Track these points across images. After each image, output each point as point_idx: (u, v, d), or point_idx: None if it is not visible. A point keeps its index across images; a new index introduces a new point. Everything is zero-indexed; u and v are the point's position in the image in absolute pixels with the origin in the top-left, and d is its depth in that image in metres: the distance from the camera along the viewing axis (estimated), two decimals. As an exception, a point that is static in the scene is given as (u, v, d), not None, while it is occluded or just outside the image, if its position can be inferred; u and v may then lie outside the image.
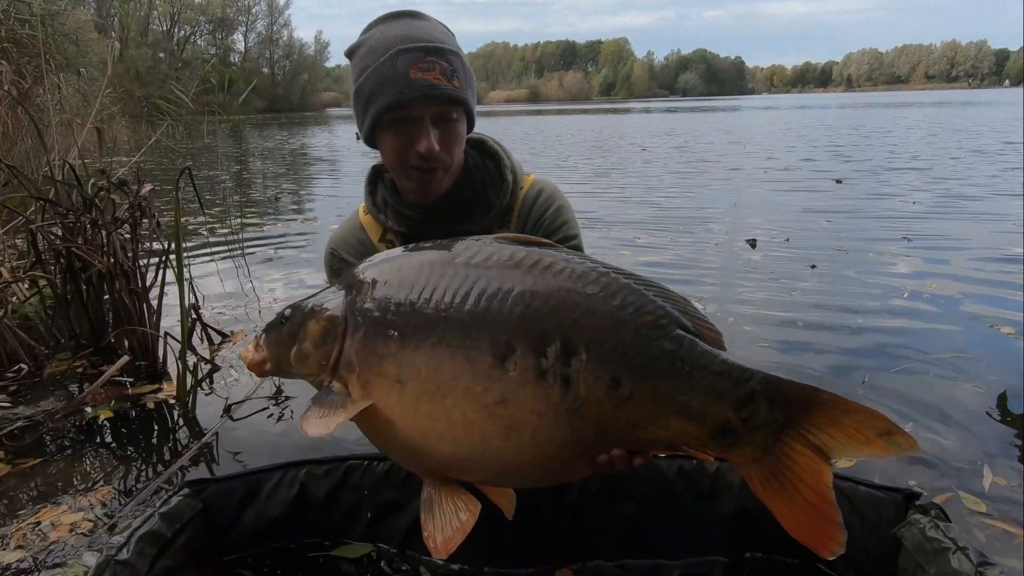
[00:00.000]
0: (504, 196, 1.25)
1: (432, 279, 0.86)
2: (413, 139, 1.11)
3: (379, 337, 0.86)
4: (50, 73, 4.34)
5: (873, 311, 3.03)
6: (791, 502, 0.76)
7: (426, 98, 1.09)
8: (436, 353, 0.82)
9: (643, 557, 1.29)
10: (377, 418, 0.86)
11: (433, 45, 1.10)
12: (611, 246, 4.52)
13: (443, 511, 0.86)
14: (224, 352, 2.81)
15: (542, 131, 19.56)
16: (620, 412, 0.81)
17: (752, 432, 0.79)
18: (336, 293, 0.93)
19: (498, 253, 0.87)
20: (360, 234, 1.30)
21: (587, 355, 0.80)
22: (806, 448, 0.76)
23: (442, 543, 0.84)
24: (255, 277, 4.04)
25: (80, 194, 2.57)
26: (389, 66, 1.09)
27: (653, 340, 0.80)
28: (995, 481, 1.67)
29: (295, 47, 75.76)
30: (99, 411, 2.24)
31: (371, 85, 1.12)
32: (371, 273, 0.92)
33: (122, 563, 1.06)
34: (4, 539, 1.54)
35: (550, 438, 0.82)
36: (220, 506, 1.28)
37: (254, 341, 0.98)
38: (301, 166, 12.11)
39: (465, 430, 0.82)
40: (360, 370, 0.87)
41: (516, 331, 0.81)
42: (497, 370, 0.80)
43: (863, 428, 0.75)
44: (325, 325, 0.90)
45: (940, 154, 10.00)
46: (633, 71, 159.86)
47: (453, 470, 0.88)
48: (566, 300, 0.82)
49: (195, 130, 6.57)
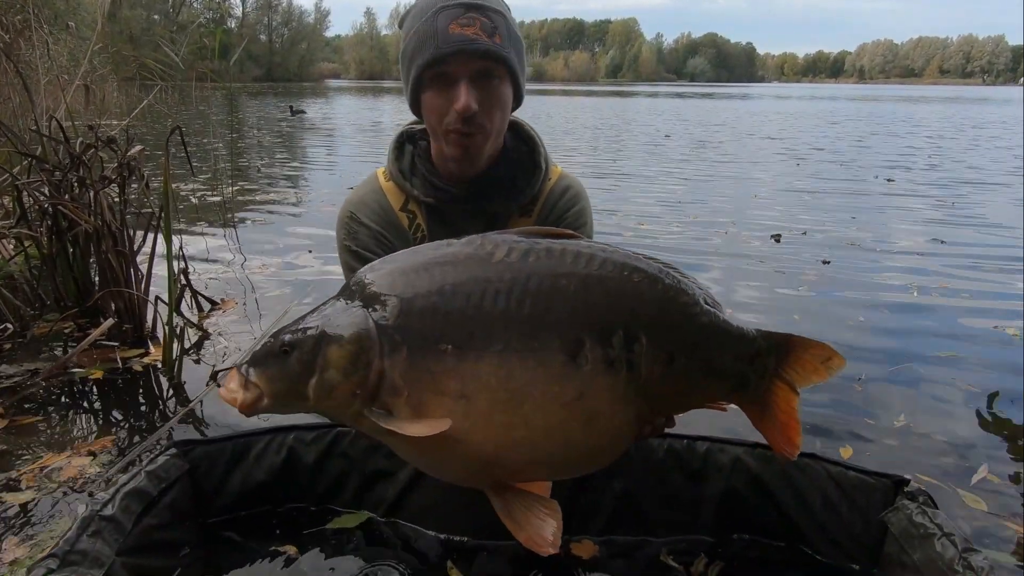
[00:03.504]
0: (535, 184, 1.22)
1: (475, 281, 0.81)
2: (451, 98, 1.07)
3: (429, 354, 0.79)
4: (38, 28, 4.21)
5: (878, 308, 3.02)
6: (772, 423, 0.97)
7: (463, 53, 1.05)
8: (504, 360, 0.79)
9: (631, 535, 1.30)
10: (438, 440, 0.78)
11: (475, 2, 1.07)
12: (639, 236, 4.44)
13: (529, 514, 0.85)
14: (213, 319, 2.78)
15: (551, 114, 19.08)
16: (672, 384, 0.89)
17: (759, 379, 0.95)
18: (351, 310, 0.81)
19: (533, 248, 0.84)
20: (381, 198, 1.24)
21: (647, 339, 0.85)
22: (783, 383, 0.95)
23: (552, 541, 0.83)
24: (245, 246, 3.99)
25: (67, 151, 2.51)
26: (430, 23, 1.07)
27: (695, 316, 0.90)
28: (988, 478, 1.68)
29: (294, 14, 74.38)
30: (89, 371, 2.21)
31: (413, 45, 1.09)
32: (393, 282, 0.82)
33: (107, 518, 1.05)
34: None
35: (621, 422, 0.86)
36: (207, 468, 1.26)
37: (238, 378, 0.82)
38: (296, 135, 11.93)
39: (546, 432, 0.82)
40: (409, 393, 0.79)
41: (582, 326, 0.82)
42: (570, 367, 0.81)
43: (814, 359, 0.94)
44: (353, 349, 0.79)
45: (984, 155, 9.74)
46: (641, 53, 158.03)
47: (523, 474, 0.87)
48: (621, 289, 0.85)
49: (188, 96, 6.44)
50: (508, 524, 0.84)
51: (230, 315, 2.85)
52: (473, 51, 1.05)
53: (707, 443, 1.31)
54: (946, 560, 1.03)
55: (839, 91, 67.70)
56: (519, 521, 0.84)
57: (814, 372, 0.94)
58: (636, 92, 49.15)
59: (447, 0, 1.07)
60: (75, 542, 1.00)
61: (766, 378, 0.95)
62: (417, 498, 1.30)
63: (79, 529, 1.02)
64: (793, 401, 0.95)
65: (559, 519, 0.85)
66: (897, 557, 1.12)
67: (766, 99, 35.28)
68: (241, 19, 69.09)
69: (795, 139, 11.76)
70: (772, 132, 13.14)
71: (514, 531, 0.84)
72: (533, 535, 0.83)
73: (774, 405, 0.95)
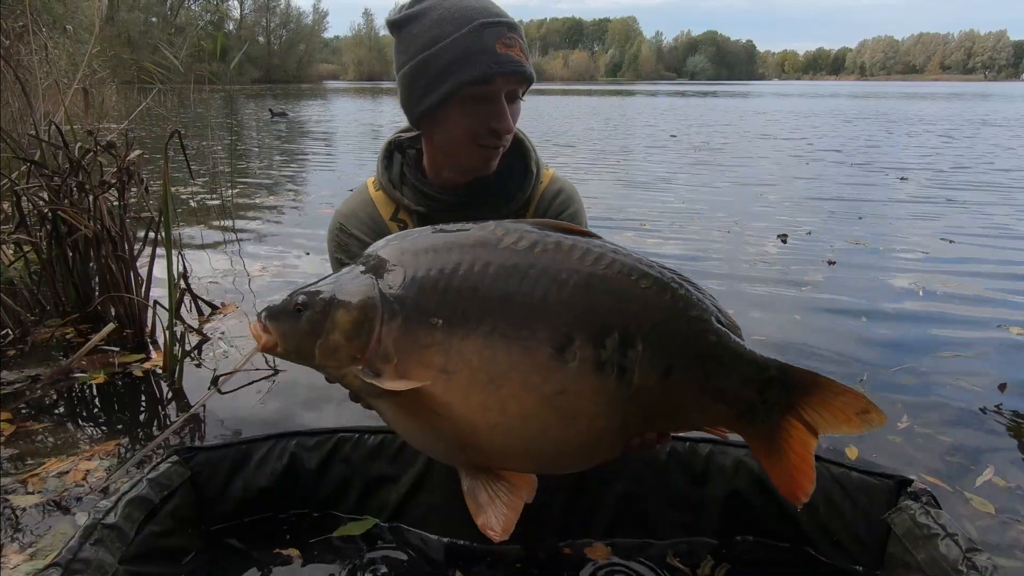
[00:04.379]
0: (526, 188, 1.23)
1: (477, 263, 0.82)
2: (491, 116, 1.09)
3: (421, 325, 0.81)
4: (37, 31, 4.20)
5: (883, 307, 3.01)
6: (781, 463, 0.90)
7: (511, 74, 1.07)
8: (489, 343, 0.80)
9: (633, 536, 1.30)
10: (417, 409, 0.82)
11: (512, 21, 1.09)
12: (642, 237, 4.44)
13: (493, 497, 0.85)
14: (213, 324, 2.78)
15: (551, 115, 19.03)
16: (667, 398, 0.86)
17: (768, 412, 0.88)
18: (361, 277, 0.86)
19: (543, 239, 0.84)
20: (371, 209, 1.25)
21: (644, 346, 0.83)
22: (800, 424, 0.88)
23: (503, 527, 0.83)
24: (245, 250, 3.99)
25: (66, 156, 2.51)
26: (473, 37, 1.06)
27: (702, 332, 0.86)
28: (993, 480, 1.67)
29: (292, 16, 74.31)
30: (91, 376, 2.21)
31: (451, 56, 1.06)
32: (402, 255, 0.85)
33: (109, 527, 1.05)
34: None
35: (604, 426, 0.84)
36: (208, 474, 1.26)
37: (258, 323, 0.89)
38: (296, 138, 11.93)
39: (522, 421, 0.81)
40: (398, 360, 0.82)
41: (576, 322, 0.81)
42: (556, 361, 0.80)
43: (846, 408, 0.86)
44: (358, 315, 0.83)
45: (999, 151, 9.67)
46: (641, 52, 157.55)
47: (499, 460, 0.86)
48: (624, 292, 0.83)
49: (187, 99, 6.44)
50: (469, 504, 0.86)
51: (230, 319, 2.84)
52: (520, 74, 1.08)
53: (709, 445, 1.31)
54: (950, 560, 1.03)
55: (840, 88, 66.74)
56: (481, 504, 0.85)
57: (845, 422, 0.86)
58: (636, 91, 48.93)
59: (486, 16, 1.07)
60: (78, 551, 1.00)
61: (776, 413, 0.88)
62: (420, 502, 1.30)
63: (81, 538, 1.02)
64: (810, 444, 0.88)
65: (518, 510, 0.85)
66: (901, 558, 1.12)
67: (770, 97, 34.93)
68: (239, 21, 69.09)
69: (806, 139, 11.63)
70: (782, 132, 12.94)
71: (473, 512, 0.85)
72: (488, 520, 0.84)
73: (785, 445, 0.89)
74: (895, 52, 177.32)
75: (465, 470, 0.88)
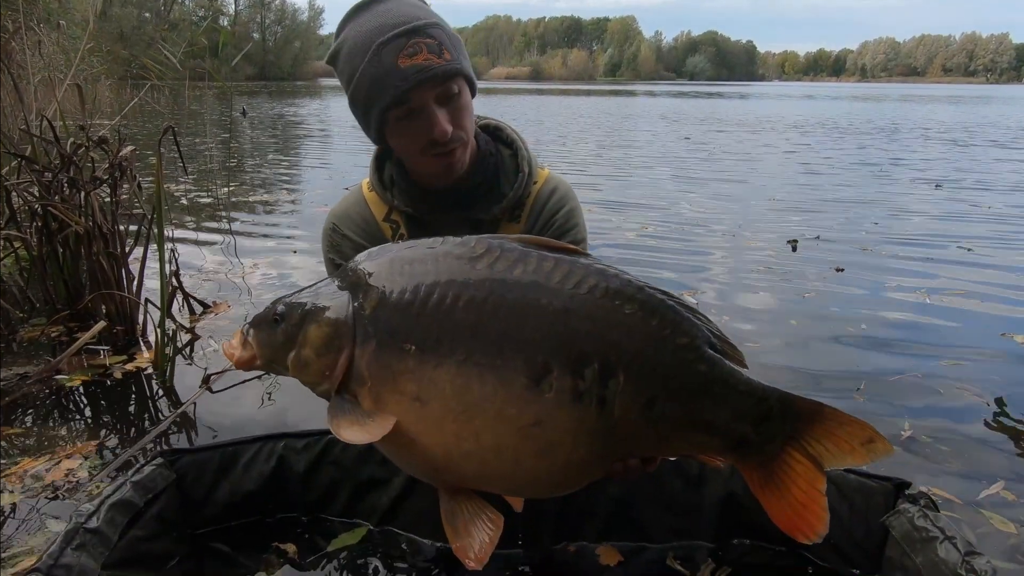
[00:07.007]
0: (518, 188, 1.21)
1: (452, 286, 0.79)
2: (424, 129, 1.06)
3: (393, 351, 0.79)
4: (30, 27, 4.16)
5: (888, 316, 2.98)
6: (783, 500, 0.84)
7: (422, 83, 1.03)
8: (463, 372, 0.77)
9: (628, 540, 1.28)
10: (395, 434, 0.79)
11: (410, 26, 1.04)
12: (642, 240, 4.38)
13: (470, 523, 0.83)
14: (205, 322, 2.75)
15: (553, 114, 18.83)
16: (650, 430, 0.82)
17: (765, 444, 0.84)
18: (338, 294, 0.84)
19: (524, 261, 0.80)
20: (364, 210, 1.24)
21: (625, 377, 0.79)
22: (803, 457, 0.83)
23: (477, 555, 0.81)
24: (239, 248, 3.96)
25: (58, 151, 2.47)
26: (375, 63, 1.03)
27: (689, 363, 0.81)
28: (995, 488, 1.65)
29: (288, 12, 73.97)
30: (73, 377, 2.18)
31: (366, 89, 1.06)
32: (379, 273, 0.83)
33: (92, 531, 1.03)
34: (-30, 505, 1.49)
35: (582, 458, 0.81)
36: (194, 477, 1.24)
37: (239, 335, 0.88)
38: (290, 136, 11.87)
39: (496, 452, 0.79)
40: (371, 384, 0.80)
41: (553, 351, 0.77)
42: (532, 392, 0.77)
43: (851, 438, 0.82)
44: (328, 332, 0.81)
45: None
46: (640, 52, 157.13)
47: (475, 485, 0.84)
48: (605, 320, 0.79)
49: (181, 95, 6.39)
50: (447, 528, 0.84)
51: (222, 318, 2.81)
52: (431, 79, 1.03)
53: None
54: (949, 564, 1.01)
55: (841, 90, 65.54)
56: (458, 529, 0.83)
57: (850, 452, 0.82)
58: (636, 91, 48.72)
59: (382, 33, 1.03)
60: (59, 556, 0.97)
61: (775, 445, 0.84)
62: (411, 506, 1.28)
63: (63, 542, 0.99)
64: (818, 481, 0.82)
65: (495, 536, 0.82)
66: (899, 561, 1.10)
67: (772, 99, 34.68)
68: (234, 17, 68.75)
69: (818, 143, 11.41)
70: (796, 137, 12.71)
71: (450, 536, 0.83)
72: (464, 546, 0.82)
73: (787, 479, 0.83)
74: (896, 54, 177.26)
75: (443, 491, 0.85)
